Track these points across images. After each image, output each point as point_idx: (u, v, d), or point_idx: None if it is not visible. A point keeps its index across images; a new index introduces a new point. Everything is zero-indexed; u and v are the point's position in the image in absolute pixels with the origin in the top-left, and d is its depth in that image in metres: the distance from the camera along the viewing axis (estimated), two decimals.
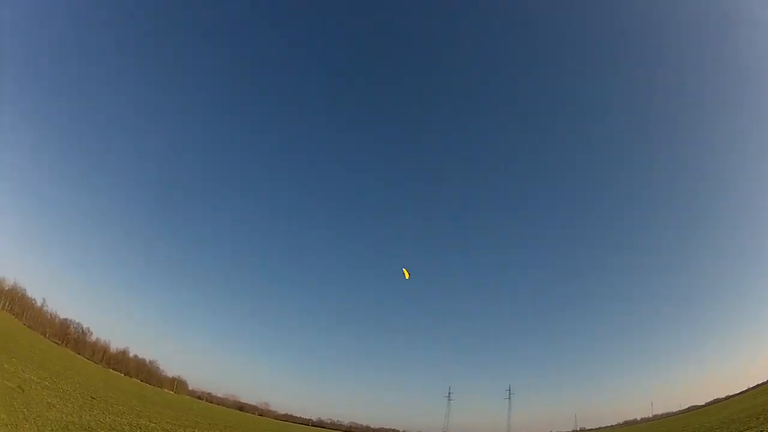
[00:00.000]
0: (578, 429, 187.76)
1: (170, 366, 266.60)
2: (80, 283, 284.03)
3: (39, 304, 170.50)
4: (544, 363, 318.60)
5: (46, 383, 34.70)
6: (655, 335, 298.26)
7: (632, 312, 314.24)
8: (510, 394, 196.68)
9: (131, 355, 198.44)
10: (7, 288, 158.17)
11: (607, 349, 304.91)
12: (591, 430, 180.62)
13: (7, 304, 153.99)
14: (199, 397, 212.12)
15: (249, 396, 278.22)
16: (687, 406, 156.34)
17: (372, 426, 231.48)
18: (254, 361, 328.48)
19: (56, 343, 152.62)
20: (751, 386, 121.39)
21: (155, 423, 38.58)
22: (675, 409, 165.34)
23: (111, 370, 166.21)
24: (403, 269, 78.45)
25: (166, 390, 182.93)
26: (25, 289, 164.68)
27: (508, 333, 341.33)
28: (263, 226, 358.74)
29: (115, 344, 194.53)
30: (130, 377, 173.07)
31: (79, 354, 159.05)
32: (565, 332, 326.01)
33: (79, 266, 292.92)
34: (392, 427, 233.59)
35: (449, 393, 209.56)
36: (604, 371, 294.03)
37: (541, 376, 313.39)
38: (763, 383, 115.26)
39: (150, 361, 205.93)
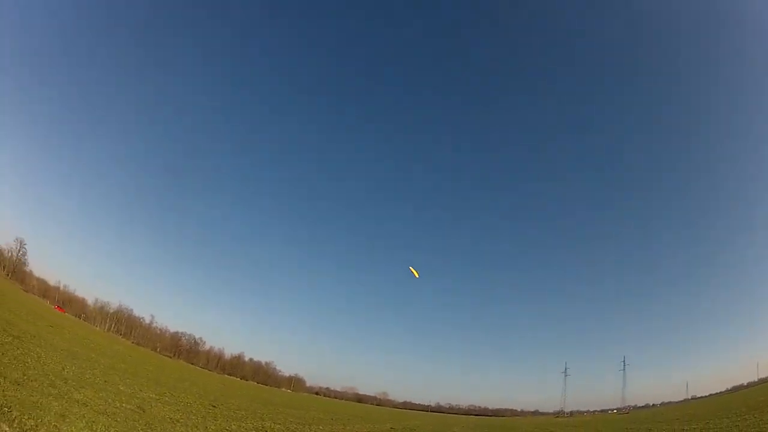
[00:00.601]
0: (690, 397, 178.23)
1: (286, 365, 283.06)
2: (190, 296, 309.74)
3: (147, 321, 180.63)
4: (656, 332, 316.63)
5: (166, 398, 33.27)
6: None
7: (737, 272, 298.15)
8: (624, 366, 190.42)
9: (246, 359, 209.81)
10: (112, 311, 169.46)
11: (715, 313, 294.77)
12: (701, 398, 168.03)
13: (113, 325, 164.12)
14: (317, 393, 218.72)
15: (367, 387, 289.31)
16: None
17: (490, 407, 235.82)
18: (369, 353, 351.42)
19: (168, 356, 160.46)
20: None
21: (279, 424, 36.14)
22: None
23: (227, 376, 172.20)
24: (411, 268, 74.26)
25: (283, 389, 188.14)
26: (131, 309, 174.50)
27: (619, 302, 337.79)
28: (364, 217, 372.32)
29: (230, 350, 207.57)
30: (247, 381, 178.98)
31: (192, 364, 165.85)
32: (674, 300, 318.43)
33: (187, 280, 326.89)
34: (510, 407, 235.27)
35: (565, 368, 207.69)
36: (713, 337, 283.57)
37: (653, 346, 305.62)
38: None
39: (266, 363, 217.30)
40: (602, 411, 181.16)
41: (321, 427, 40.07)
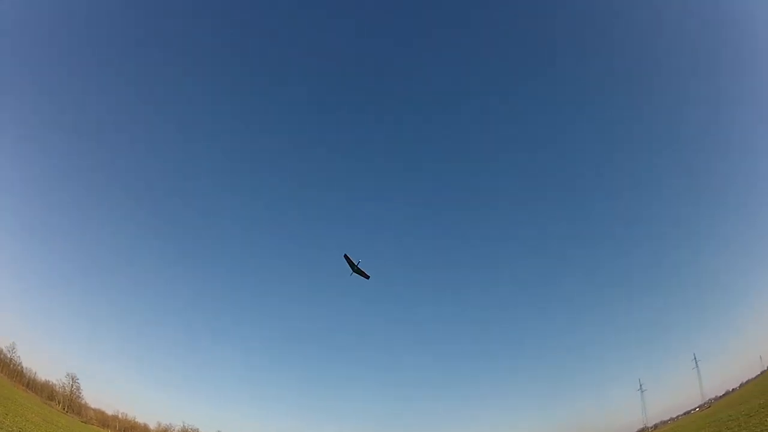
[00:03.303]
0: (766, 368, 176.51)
1: None
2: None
3: None
4: (719, 321, 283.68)
5: None
6: None
7: None
8: (696, 363, 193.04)
9: None
10: None
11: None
12: None
13: None
14: None
15: None
16: None
17: None
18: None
19: None
20: None
21: None
22: None
23: None
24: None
25: None
26: (197, 429, 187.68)
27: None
28: None
29: None
30: None
31: None
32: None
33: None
34: None
35: (640, 385, 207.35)
36: None
37: (719, 334, 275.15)
38: None
39: None
40: (685, 413, 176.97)
41: None
